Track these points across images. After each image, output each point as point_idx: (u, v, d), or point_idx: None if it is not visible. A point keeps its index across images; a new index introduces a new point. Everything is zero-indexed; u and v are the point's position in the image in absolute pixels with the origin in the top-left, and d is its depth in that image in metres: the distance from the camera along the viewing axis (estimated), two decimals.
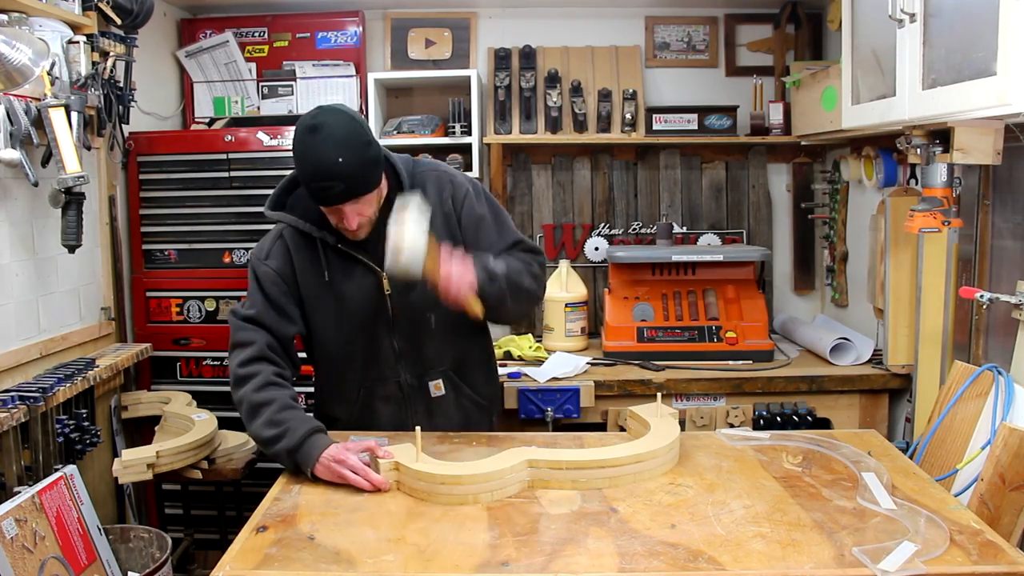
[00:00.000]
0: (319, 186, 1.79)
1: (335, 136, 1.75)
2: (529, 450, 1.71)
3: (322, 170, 1.76)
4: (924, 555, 1.33)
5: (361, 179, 1.80)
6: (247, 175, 3.00)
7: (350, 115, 1.82)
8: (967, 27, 1.80)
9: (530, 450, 1.71)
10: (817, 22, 3.47)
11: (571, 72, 3.41)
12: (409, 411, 2.05)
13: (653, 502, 1.59)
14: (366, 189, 1.83)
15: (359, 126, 1.81)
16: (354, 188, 1.80)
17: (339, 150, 1.74)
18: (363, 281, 1.97)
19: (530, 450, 1.71)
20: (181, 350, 3.07)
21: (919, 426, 2.40)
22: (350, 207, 1.82)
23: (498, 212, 2.06)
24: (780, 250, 3.55)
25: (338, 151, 1.74)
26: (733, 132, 3.32)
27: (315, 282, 1.97)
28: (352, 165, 1.76)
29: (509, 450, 1.71)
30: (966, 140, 1.94)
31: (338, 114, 1.79)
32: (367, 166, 1.81)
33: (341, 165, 1.74)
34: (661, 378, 2.77)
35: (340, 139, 1.75)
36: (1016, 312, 2.00)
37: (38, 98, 2.28)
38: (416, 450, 1.67)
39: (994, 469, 1.73)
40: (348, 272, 1.96)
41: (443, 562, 1.37)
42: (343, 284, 1.97)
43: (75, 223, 2.41)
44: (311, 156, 1.76)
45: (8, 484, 2.10)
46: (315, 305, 1.99)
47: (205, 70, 3.46)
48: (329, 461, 1.70)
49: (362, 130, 1.82)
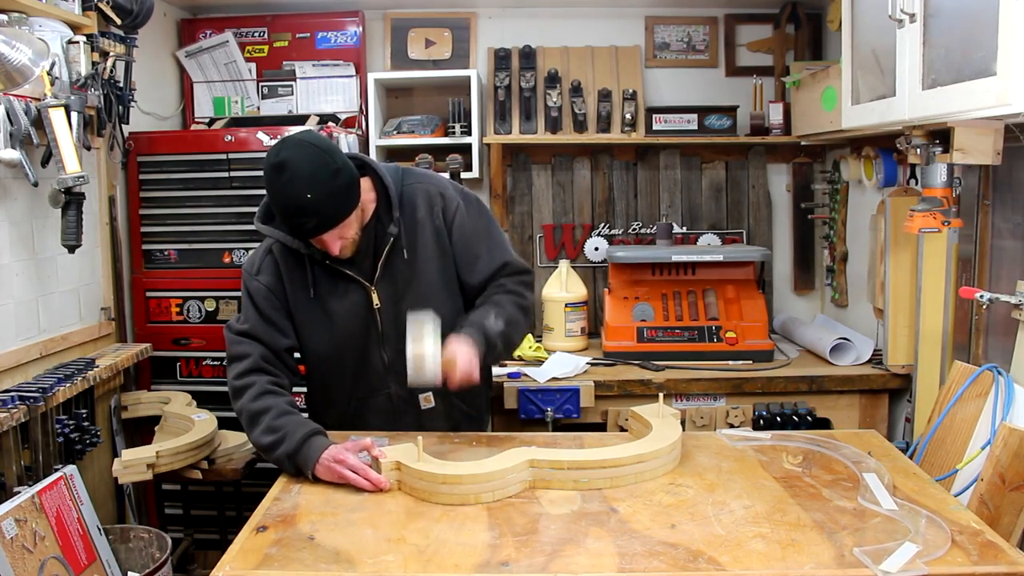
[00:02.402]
0: (293, 223, 1.80)
1: (301, 173, 1.73)
2: (530, 450, 1.71)
3: (292, 208, 1.76)
4: (925, 556, 1.33)
5: (332, 211, 1.80)
6: (247, 175, 3.00)
7: (315, 146, 1.78)
8: (967, 27, 1.80)
9: (531, 450, 1.71)
10: (817, 22, 3.47)
11: (571, 72, 3.41)
12: (399, 423, 2.05)
13: (653, 502, 1.59)
14: (340, 219, 1.82)
15: (325, 155, 1.78)
16: (327, 221, 1.80)
17: (306, 186, 1.73)
18: (352, 296, 1.97)
19: (531, 450, 1.71)
20: (181, 350, 3.07)
21: (919, 426, 2.40)
22: (329, 235, 1.83)
23: (489, 227, 2.06)
24: (780, 250, 3.55)
25: (306, 187, 1.73)
26: (733, 132, 3.32)
27: (303, 297, 1.97)
28: (321, 200, 1.75)
29: (510, 450, 1.71)
30: (966, 140, 1.94)
31: (301, 147, 1.76)
32: (337, 196, 1.79)
33: (310, 201, 1.74)
34: (661, 378, 2.77)
35: (306, 175, 1.74)
36: (1016, 312, 2.00)
37: (38, 98, 2.28)
38: (417, 450, 1.67)
39: (994, 469, 1.73)
40: (336, 287, 1.97)
41: (443, 562, 1.37)
42: (331, 299, 1.97)
43: (75, 223, 2.41)
44: (280, 195, 1.77)
45: (8, 484, 2.10)
46: (304, 319, 1.99)
47: (205, 70, 3.46)
48: (329, 461, 1.71)
49: (329, 159, 1.78)
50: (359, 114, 3.40)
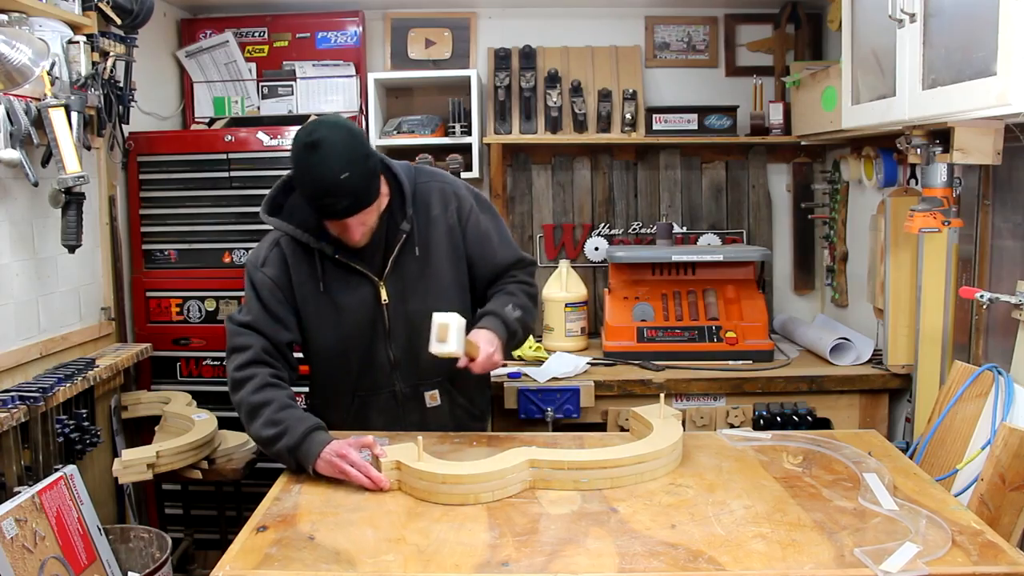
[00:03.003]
0: (323, 203, 1.78)
1: (336, 152, 1.73)
2: (530, 450, 1.71)
3: (325, 187, 1.74)
4: (926, 556, 1.33)
5: (364, 193, 1.80)
6: (247, 175, 3.00)
7: (349, 128, 1.80)
8: (967, 27, 1.80)
9: (531, 450, 1.71)
10: (817, 22, 3.47)
11: (571, 72, 3.41)
12: (403, 420, 2.05)
13: (653, 502, 1.59)
14: (369, 202, 1.83)
15: (358, 139, 1.80)
16: (358, 203, 1.80)
17: (342, 166, 1.73)
18: (360, 291, 1.97)
19: (531, 450, 1.71)
20: (181, 350, 3.07)
21: (919, 426, 2.40)
22: (354, 219, 1.83)
23: (499, 224, 2.10)
24: (780, 250, 3.55)
25: (341, 167, 1.73)
26: (733, 132, 3.32)
27: (311, 291, 1.96)
28: (354, 180, 1.75)
29: (511, 450, 1.71)
30: (966, 140, 1.94)
31: (337, 128, 1.77)
32: (368, 179, 1.81)
33: (344, 181, 1.73)
34: (661, 378, 2.76)
35: (341, 155, 1.74)
36: (1016, 312, 2.00)
37: (38, 98, 2.28)
38: (418, 449, 1.67)
39: (994, 469, 1.73)
40: (345, 282, 1.96)
41: (443, 562, 1.37)
42: (340, 294, 1.97)
43: (75, 223, 2.41)
44: (313, 173, 1.75)
45: (8, 484, 2.10)
46: (311, 313, 1.99)
47: (205, 70, 3.46)
48: (331, 456, 1.70)
49: (362, 143, 1.81)
50: (359, 114, 3.39)
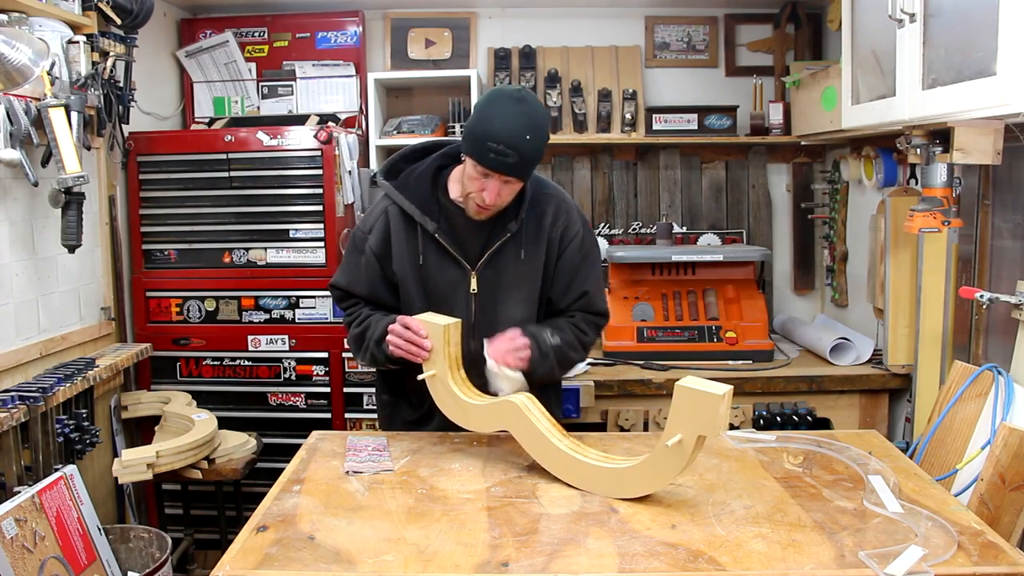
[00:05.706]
0: (498, 150, 1.80)
1: (533, 114, 1.81)
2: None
3: (509, 138, 1.78)
4: (931, 559, 1.32)
5: (531, 163, 1.85)
6: (247, 175, 3.00)
7: (545, 106, 1.88)
8: (967, 27, 1.80)
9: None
10: (817, 22, 3.47)
11: (571, 72, 3.41)
12: None
13: (653, 502, 1.59)
14: (527, 174, 1.89)
15: (548, 120, 1.93)
16: (523, 168, 1.84)
17: (531, 128, 1.80)
18: (453, 275, 1.98)
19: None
20: (181, 350, 3.07)
21: (919, 426, 2.40)
22: (504, 183, 1.85)
23: (595, 263, 2.07)
24: (780, 250, 3.55)
25: (529, 129, 1.80)
26: (733, 132, 3.32)
27: (410, 264, 1.99)
28: (533, 147, 1.82)
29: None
30: (966, 140, 1.94)
31: (537, 102, 1.89)
32: (538, 156, 1.86)
33: (527, 142, 1.79)
34: (661, 378, 2.76)
35: (535, 119, 1.82)
36: (1016, 312, 2.00)
37: (38, 98, 2.28)
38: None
39: (994, 469, 1.73)
40: (441, 263, 1.98)
41: (443, 562, 1.37)
42: (434, 273, 1.99)
43: (75, 223, 2.41)
44: (506, 121, 1.80)
45: (8, 484, 2.11)
46: (405, 283, 2.01)
47: (205, 70, 3.46)
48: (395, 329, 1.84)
49: (548, 124, 1.95)
50: (359, 114, 3.40)
